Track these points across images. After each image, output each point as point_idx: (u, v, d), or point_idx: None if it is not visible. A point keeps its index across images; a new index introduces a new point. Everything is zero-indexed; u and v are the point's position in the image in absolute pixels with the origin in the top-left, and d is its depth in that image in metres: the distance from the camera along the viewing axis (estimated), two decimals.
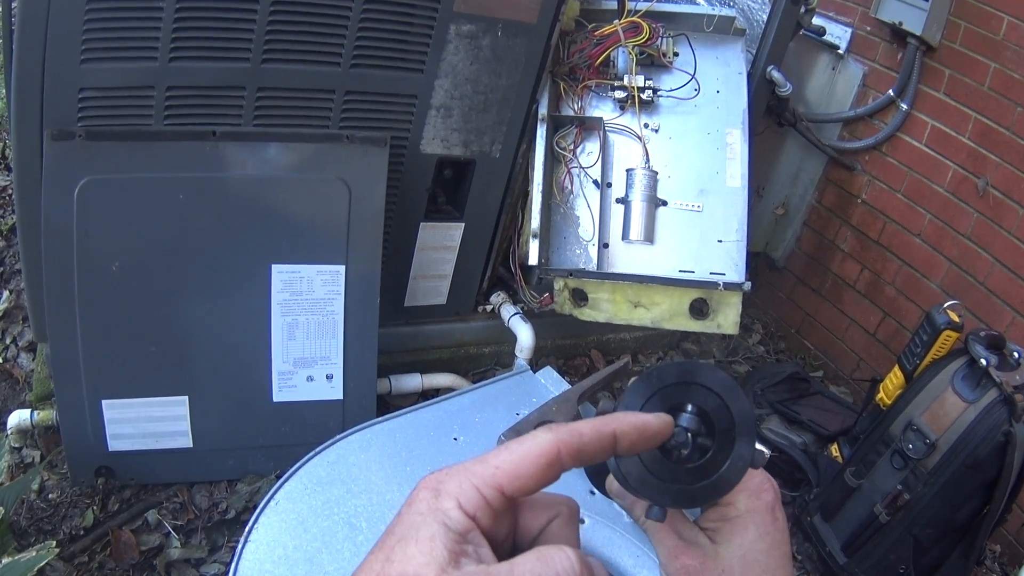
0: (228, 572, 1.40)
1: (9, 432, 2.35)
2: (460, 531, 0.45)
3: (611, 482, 0.62)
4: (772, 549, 0.60)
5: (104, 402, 2.18)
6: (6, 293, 3.00)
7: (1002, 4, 2.71)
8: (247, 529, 1.46)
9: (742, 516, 0.61)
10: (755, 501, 0.61)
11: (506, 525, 0.49)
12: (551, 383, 1.92)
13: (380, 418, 1.72)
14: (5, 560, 1.71)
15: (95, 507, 2.27)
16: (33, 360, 2.72)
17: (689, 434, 0.56)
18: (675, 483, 0.56)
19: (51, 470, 2.36)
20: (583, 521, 1.58)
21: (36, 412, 2.36)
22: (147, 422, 2.23)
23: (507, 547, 0.49)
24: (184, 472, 2.35)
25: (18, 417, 2.36)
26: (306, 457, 1.61)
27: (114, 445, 2.23)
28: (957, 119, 2.89)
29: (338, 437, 1.66)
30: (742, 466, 0.56)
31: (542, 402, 1.78)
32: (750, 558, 0.60)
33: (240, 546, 1.44)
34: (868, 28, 3.16)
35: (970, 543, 2.28)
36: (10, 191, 3.58)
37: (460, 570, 0.43)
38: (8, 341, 2.84)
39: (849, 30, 3.20)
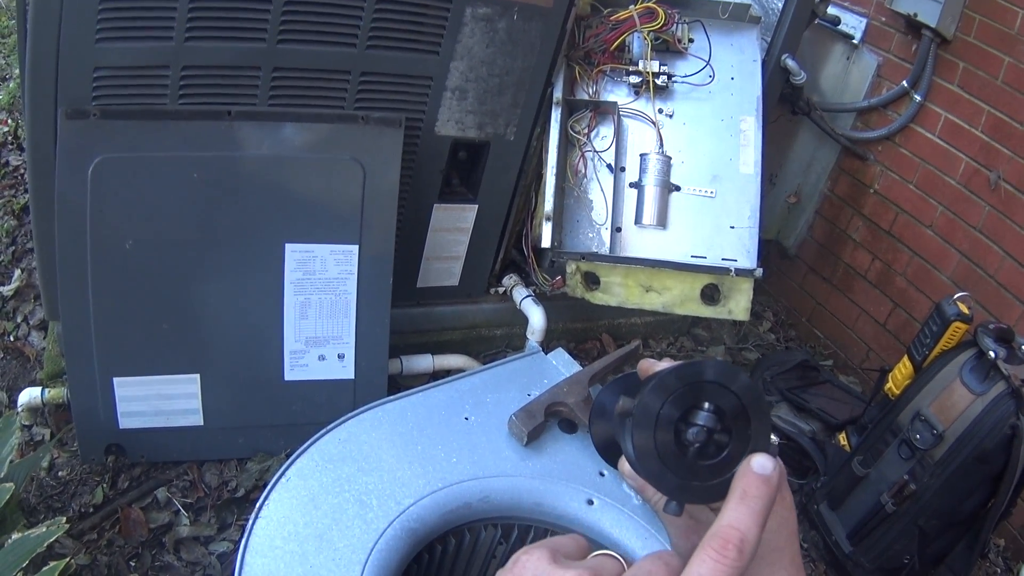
0: (239, 548, 1.41)
1: (20, 410, 2.36)
2: None
3: (623, 464, 0.63)
4: (780, 527, 0.61)
5: (115, 380, 2.18)
6: (17, 272, 3.01)
7: None
8: (258, 505, 1.47)
9: None
10: None
11: None
12: (563, 365, 1.92)
13: (391, 397, 1.73)
14: (15, 536, 1.72)
15: (105, 484, 2.28)
16: (44, 338, 2.73)
17: (707, 431, 0.57)
18: (693, 479, 0.57)
19: (61, 448, 2.37)
20: (592, 502, 1.59)
21: (47, 390, 2.37)
22: (158, 400, 2.24)
23: None
24: (194, 450, 2.36)
25: (29, 395, 2.37)
26: (317, 435, 1.61)
27: (125, 423, 2.24)
28: (970, 112, 2.88)
29: (349, 415, 1.67)
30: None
31: (553, 383, 1.79)
32: None
33: (251, 522, 1.45)
34: (883, 19, 3.15)
35: (975, 535, 2.28)
36: (22, 170, 3.59)
37: None
38: (19, 320, 2.85)
39: (864, 20, 3.19)
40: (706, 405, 0.57)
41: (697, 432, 0.57)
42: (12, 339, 2.79)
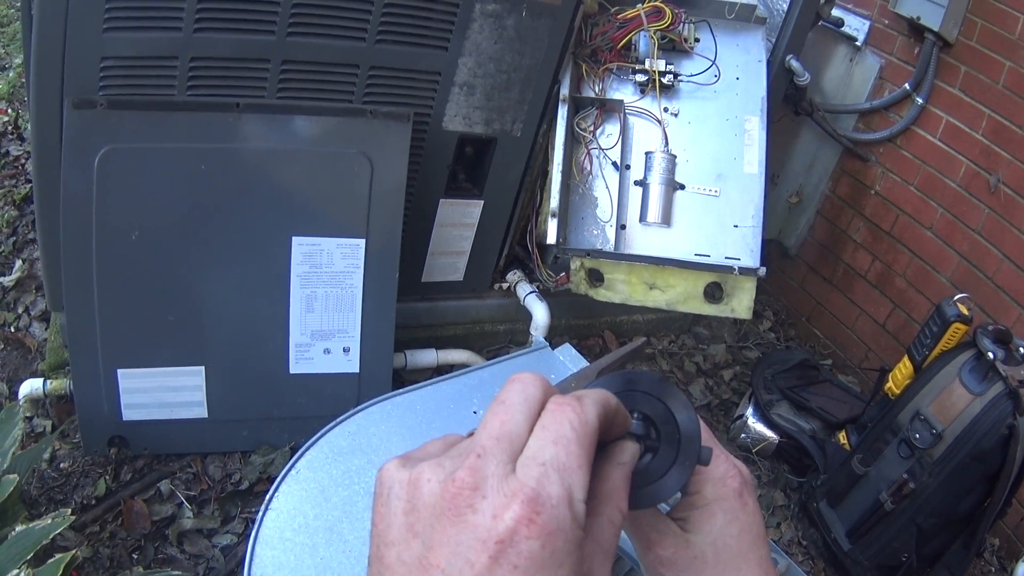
0: (249, 539, 1.41)
1: (21, 401, 2.35)
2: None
3: None
4: (742, 534, 0.61)
5: (120, 371, 2.18)
6: (19, 263, 3.00)
7: (1019, 4, 2.71)
8: (268, 497, 1.47)
9: (709, 504, 0.61)
10: (721, 488, 0.61)
11: None
12: (569, 360, 1.93)
13: (400, 390, 1.73)
14: (19, 528, 1.71)
15: (107, 477, 2.28)
16: (46, 330, 2.72)
17: (637, 440, 0.56)
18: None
19: (63, 440, 2.37)
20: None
21: (49, 381, 2.37)
22: (162, 392, 2.24)
23: None
24: (198, 442, 2.36)
25: (30, 386, 2.37)
26: (326, 428, 1.62)
27: (128, 415, 2.24)
28: (971, 115, 2.90)
29: (358, 408, 1.67)
30: (688, 465, 0.56)
31: (560, 378, 1.80)
32: (720, 544, 0.60)
33: (261, 513, 1.45)
34: (886, 21, 3.16)
35: (971, 534, 2.30)
36: (23, 160, 3.57)
37: None
38: (20, 310, 2.84)
39: (867, 22, 3.21)
40: (635, 414, 0.57)
41: (624, 437, 0.56)
42: (13, 330, 2.78)
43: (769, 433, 2.82)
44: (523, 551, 0.41)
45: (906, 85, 3.05)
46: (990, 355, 2.21)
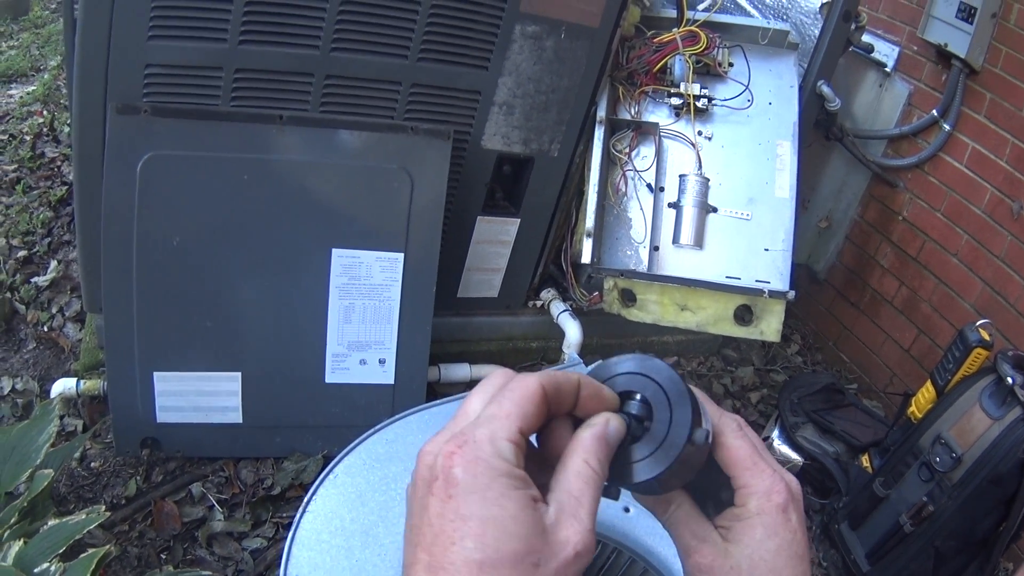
0: (285, 540, 1.44)
1: (55, 400, 2.38)
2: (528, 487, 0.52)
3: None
4: (780, 550, 0.61)
5: (156, 374, 2.22)
6: (54, 263, 3.05)
7: None
8: (305, 500, 1.50)
9: (752, 517, 0.62)
10: (765, 503, 0.62)
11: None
12: None
13: (437, 401, 1.76)
14: (52, 522, 1.74)
15: (139, 477, 2.31)
16: (80, 330, 2.76)
17: (633, 419, 0.59)
18: (616, 463, 0.58)
19: (94, 439, 2.40)
20: (628, 510, 1.62)
21: (83, 381, 2.40)
22: (198, 396, 2.27)
23: None
24: (231, 447, 2.39)
25: (63, 385, 2.40)
26: (365, 435, 1.64)
27: (163, 417, 2.28)
28: (996, 142, 2.90)
29: (397, 416, 1.69)
30: (663, 459, 0.58)
31: None
32: (756, 558, 0.61)
33: (298, 516, 1.48)
34: (915, 48, 3.17)
35: (987, 557, 2.32)
36: (59, 162, 3.63)
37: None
38: (55, 311, 2.88)
39: (897, 49, 3.23)
40: (638, 396, 0.59)
41: (622, 416, 0.59)
42: (47, 329, 2.82)
43: (794, 455, 2.84)
44: (451, 479, 0.49)
45: (934, 111, 3.06)
46: (1009, 380, 2.23)
